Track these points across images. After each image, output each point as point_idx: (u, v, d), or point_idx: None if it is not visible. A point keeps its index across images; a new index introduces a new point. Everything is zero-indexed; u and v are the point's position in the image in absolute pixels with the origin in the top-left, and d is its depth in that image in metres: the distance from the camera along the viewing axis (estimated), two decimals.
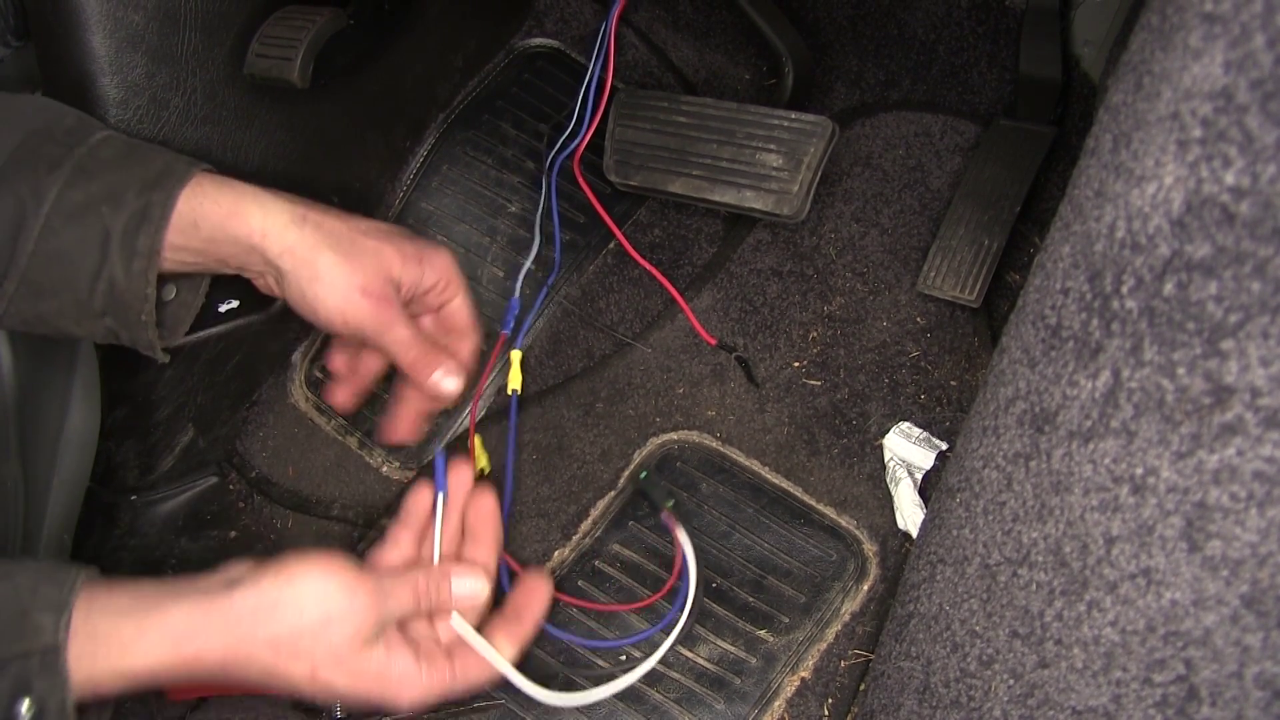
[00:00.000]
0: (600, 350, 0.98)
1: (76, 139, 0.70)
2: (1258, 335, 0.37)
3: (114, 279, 0.68)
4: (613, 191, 1.03)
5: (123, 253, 0.67)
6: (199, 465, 0.95)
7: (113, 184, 0.68)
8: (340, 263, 0.71)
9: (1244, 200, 0.36)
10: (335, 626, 0.63)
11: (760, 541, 0.85)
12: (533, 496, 0.88)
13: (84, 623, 0.59)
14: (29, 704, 0.57)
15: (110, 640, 0.59)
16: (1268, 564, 0.39)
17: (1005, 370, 0.53)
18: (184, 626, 0.61)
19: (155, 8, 0.76)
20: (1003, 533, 0.52)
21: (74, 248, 0.67)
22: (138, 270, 0.68)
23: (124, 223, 0.67)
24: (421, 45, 1.04)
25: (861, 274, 0.98)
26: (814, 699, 0.78)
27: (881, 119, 1.07)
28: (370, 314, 0.71)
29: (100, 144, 0.70)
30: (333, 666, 0.63)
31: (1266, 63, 0.35)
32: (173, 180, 0.69)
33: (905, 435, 0.87)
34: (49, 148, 0.69)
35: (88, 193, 0.68)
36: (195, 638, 0.61)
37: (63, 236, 0.67)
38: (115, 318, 0.69)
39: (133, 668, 0.59)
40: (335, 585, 0.64)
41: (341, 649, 0.63)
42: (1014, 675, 0.53)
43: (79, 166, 0.68)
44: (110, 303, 0.69)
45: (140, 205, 0.68)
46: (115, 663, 0.59)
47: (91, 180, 0.68)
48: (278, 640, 0.62)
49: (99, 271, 0.68)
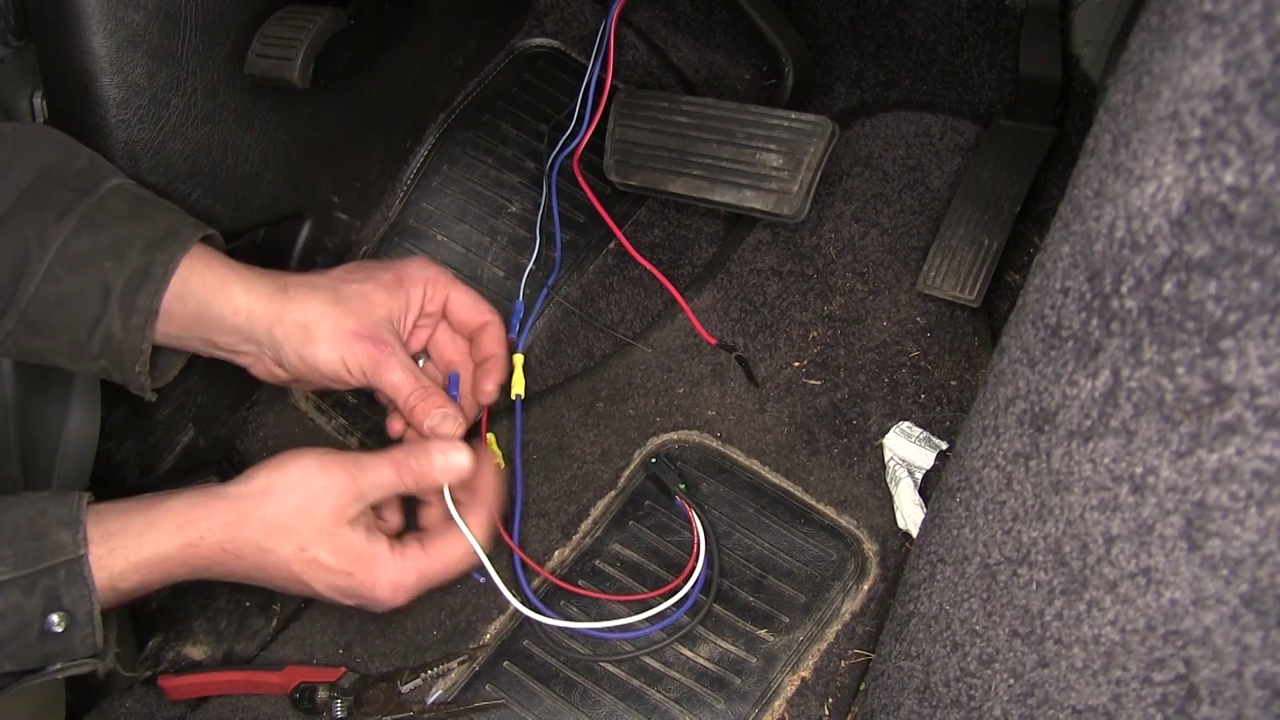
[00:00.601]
0: (600, 350, 0.98)
1: (87, 184, 0.71)
2: (1257, 335, 0.37)
3: (111, 331, 0.69)
4: (613, 191, 1.03)
5: (122, 308, 0.69)
6: (199, 465, 0.95)
7: (118, 238, 0.69)
8: (329, 312, 0.72)
9: (1243, 200, 0.36)
10: (319, 504, 0.68)
11: (760, 541, 0.85)
12: (533, 496, 0.88)
13: (96, 527, 0.64)
14: (60, 616, 0.62)
15: (123, 534, 0.65)
16: (1267, 563, 0.39)
17: (1005, 370, 0.53)
18: (187, 514, 0.66)
19: (156, 8, 0.76)
20: (1003, 532, 0.52)
21: (74, 296, 0.69)
22: (135, 326, 0.69)
23: (125, 279, 0.69)
24: (422, 45, 1.04)
25: (861, 274, 0.98)
26: (814, 698, 0.78)
27: (881, 119, 1.07)
28: (368, 357, 0.72)
29: (109, 194, 0.71)
30: (318, 541, 0.68)
31: (1265, 63, 0.35)
32: (177, 243, 0.70)
33: (905, 435, 0.87)
34: (58, 192, 0.70)
35: (93, 244, 0.69)
36: (198, 523, 0.66)
37: (64, 284, 0.68)
38: (110, 361, 0.71)
39: (146, 557, 0.65)
40: (315, 466, 0.69)
41: (325, 524, 0.68)
42: (1014, 674, 0.53)
43: (87, 216, 0.69)
44: (106, 349, 0.70)
45: (144, 263, 0.69)
46: (130, 554, 0.64)
47: (98, 232, 0.69)
48: (269, 521, 0.67)
49: (98, 320, 0.69)
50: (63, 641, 0.63)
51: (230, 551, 0.67)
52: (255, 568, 0.69)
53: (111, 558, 0.64)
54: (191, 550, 0.67)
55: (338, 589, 0.70)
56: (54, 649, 0.63)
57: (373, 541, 0.70)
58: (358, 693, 0.78)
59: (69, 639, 0.63)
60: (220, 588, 0.84)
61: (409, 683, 0.78)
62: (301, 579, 0.69)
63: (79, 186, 0.70)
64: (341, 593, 0.71)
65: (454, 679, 0.80)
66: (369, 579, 0.70)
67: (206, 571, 0.69)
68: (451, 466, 0.72)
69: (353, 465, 0.70)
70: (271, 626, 0.85)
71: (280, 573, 0.69)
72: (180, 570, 0.67)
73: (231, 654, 0.84)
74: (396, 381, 0.73)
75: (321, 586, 0.70)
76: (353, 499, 0.69)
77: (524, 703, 0.78)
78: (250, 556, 0.68)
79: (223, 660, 0.84)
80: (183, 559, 0.67)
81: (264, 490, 0.69)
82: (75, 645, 0.63)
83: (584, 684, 0.79)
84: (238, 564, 0.68)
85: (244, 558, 0.68)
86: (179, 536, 0.66)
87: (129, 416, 0.89)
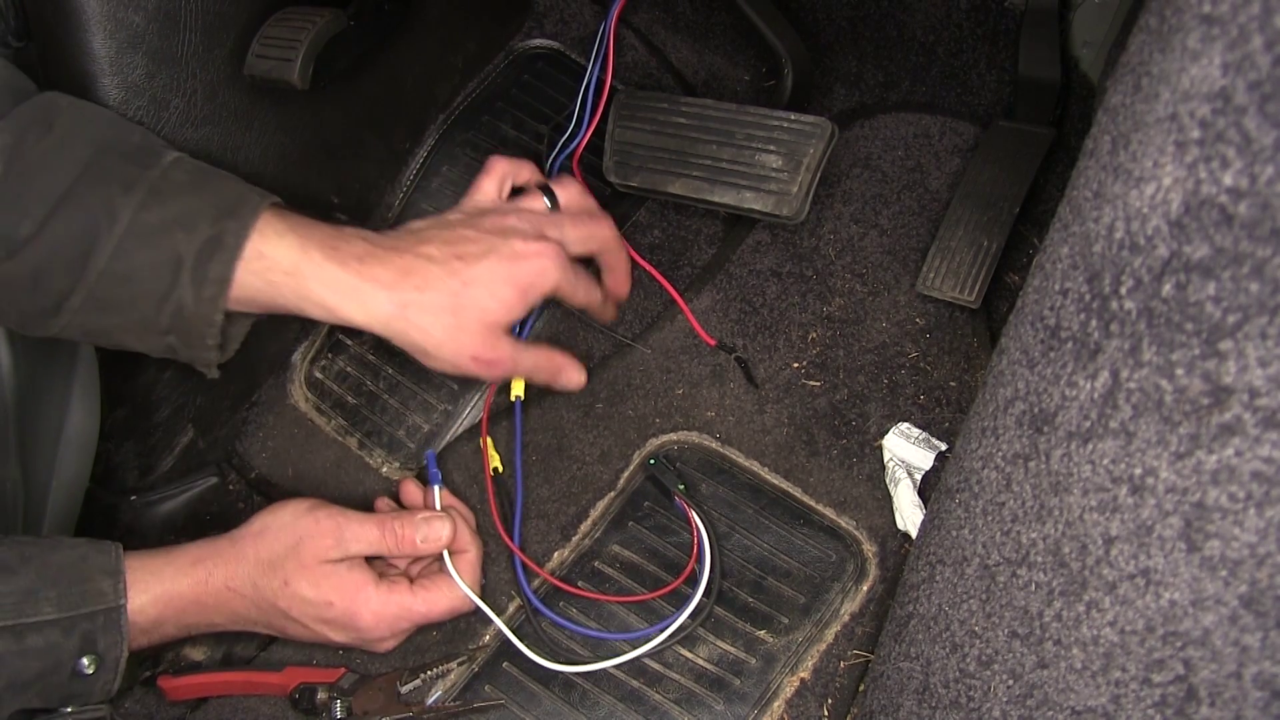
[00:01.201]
0: (600, 351, 0.98)
1: (148, 158, 0.70)
2: (1256, 336, 0.37)
3: (182, 303, 0.68)
4: (612, 192, 1.03)
5: (194, 279, 0.68)
6: (199, 466, 0.95)
7: (187, 209, 0.68)
8: (445, 342, 0.74)
9: (1242, 201, 0.36)
10: (304, 545, 0.74)
11: (760, 542, 0.85)
12: (533, 497, 0.88)
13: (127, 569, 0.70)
14: (90, 660, 0.67)
15: (144, 570, 0.71)
16: (1266, 564, 0.39)
17: (1004, 371, 0.53)
18: (198, 553, 0.74)
19: (156, 9, 0.76)
20: (1002, 533, 0.52)
21: (145, 270, 0.68)
22: (208, 297, 0.68)
23: (197, 249, 0.68)
24: (421, 46, 1.04)
25: (861, 275, 0.98)
26: (813, 699, 0.78)
27: (881, 120, 1.08)
28: (484, 373, 0.77)
29: (172, 166, 0.70)
30: (299, 576, 0.74)
31: (1264, 64, 0.35)
32: (247, 210, 0.69)
33: (904, 436, 0.87)
34: (122, 166, 0.68)
35: (162, 216, 0.68)
36: (206, 561, 0.73)
37: (135, 258, 0.67)
38: (178, 337, 0.70)
39: (163, 592, 0.71)
40: (305, 510, 0.76)
41: (308, 561, 0.74)
42: (1013, 675, 0.53)
43: (153, 188, 0.68)
44: (176, 324, 0.69)
45: (215, 233, 0.68)
46: (150, 588, 0.71)
47: (166, 204, 0.68)
48: (261, 559, 0.74)
49: (168, 294, 0.68)
50: (88, 684, 0.67)
51: (233, 589, 0.74)
52: (254, 606, 0.74)
53: (132, 590, 0.69)
54: (201, 588, 0.73)
55: (323, 620, 0.74)
56: (78, 690, 0.67)
57: (355, 572, 0.75)
58: (356, 693, 0.78)
59: (94, 682, 0.67)
60: None
61: (408, 684, 0.78)
62: (289, 615, 0.74)
63: (140, 160, 0.69)
64: (327, 624, 0.75)
65: (453, 680, 0.80)
66: (351, 607, 0.74)
67: (216, 613, 0.74)
68: (431, 538, 0.78)
69: (339, 515, 0.76)
70: None
71: (272, 610, 0.74)
72: (193, 611, 0.73)
73: (231, 655, 0.84)
74: (524, 368, 0.82)
75: (308, 620, 0.74)
76: (334, 543, 0.75)
77: (523, 703, 0.78)
78: (248, 594, 0.74)
79: (222, 661, 0.84)
80: (194, 596, 0.73)
81: (259, 531, 0.75)
82: (95, 689, 0.68)
83: (583, 685, 0.79)
84: (240, 603, 0.74)
85: (244, 595, 0.74)
86: (190, 574, 0.72)
87: (129, 417, 0.89)
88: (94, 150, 0.68)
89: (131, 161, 0.69)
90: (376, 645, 0.78)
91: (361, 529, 0.76)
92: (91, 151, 0.68)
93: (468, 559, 0.81)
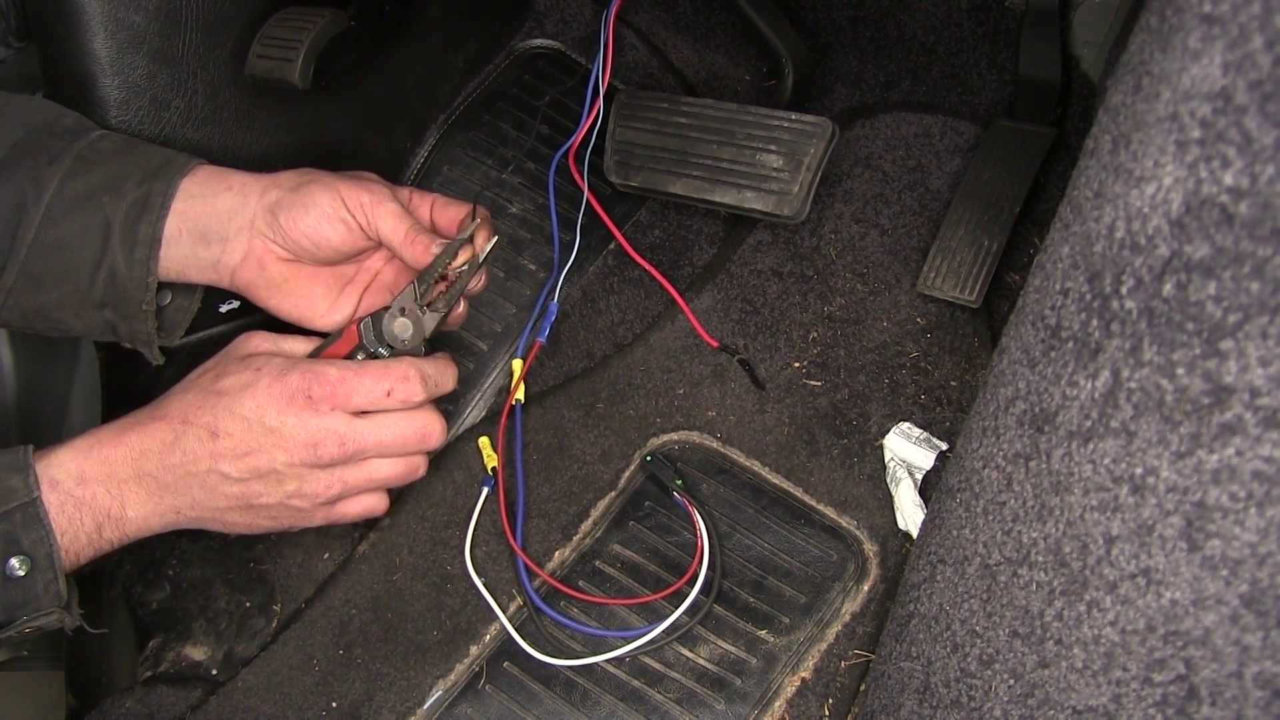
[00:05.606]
0: (600, 351, 0.98)
1: (77, 134, 0.70)
2: (1257, 335, 0.37)
3: (115, 268, 0.68)
4: (613, 192, 1.03)
5: (124, 241, 0.68)
6: None
7: (113, 174, 0.69)
8: (322, 175, 0.75)
9: (1243, 201, 0.36)
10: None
11: (760, 542, 0.85)
12: (533, 497, 0.88)
13: (42, 459, 0.65)
14: (20, 560, 0.62)
15: (65, 448, 0.65)
16: (1267, 564, 0.39)
17: (1005, 370, 0.53)
18: (134, 417, 0.68)
19: (156, 9, 0.77)
20: (1003, 533, 0.52)
21: (74, 237, 0.68)
22: (139, 259, 0.68)
23: (125, 211, 0.68)
24: (422, 46, 1.04)
25: (861, 274, 0.98)
26: (814, 699, 0.78)
27: (881, 120, 1.08)
28: (366, 193, 0.73)
29: (100, 138, 0.71)
30: (227, 375, 0.69)
31: (1265, 64, 0.35)
32: (173, 169, 0.70)
33: (905, 435, 0.87)
34: (50, 141, 0.69)
35: (88, 182, 0.68)
36: (156, 407, 0.68)
37: (63, 226, 0.67)
38: (115, 309, 0.70)
39: (83, 441, 0.65)
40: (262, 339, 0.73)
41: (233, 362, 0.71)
42: (1014, 675, 0.53)
43: (80, 158, 0.69)
44: (111, 293, 0.69)
45: (141, 194, 0.68)
46: (65, 460, 0.65)
47: (92, 171, 0.68)
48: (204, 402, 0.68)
49: (100, 260, 0.68)
50: (26, 588, 0.62)
51: (157, 416, 0.68)
52: (181, 432, 0.68)
53: (49, 468, 0.64)
54: (131, 429, 0.67)
55: (232, 414, 0.68)
56: (18, 596, 0.63)
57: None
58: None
59: (32, 584, 0.63)
60: (220, 588, 0.84)
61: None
62: (215, 430, 0.68)
63: (69, 136, 0.70)
64: (235, 419, 0.68)
65: (454, 679, 0.80)
66: (266, 375, 0.69)
67: (144, 459, 0.67)
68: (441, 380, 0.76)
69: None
70: (271, 627, 0.85)
71: (201, 420, 0.68)
72: (123, 467, 0.66)
73: (232, 654, 0.84)
74: (395, 210, 0.75)
75: (234, 428, 0.68)
76: (272, 346, 0.74)
77: (524, 703, 0.78)
78: (174, 414, 0.68)
79: (223, 661, 0.84)
80: (121, 440, 0.66)
81: (200, 376, 0.72)
82: (39, 593, 0.63)
83: (584, 685, 0.79)
84: (165, 431, 0.67)
85: (170, 418, 0.68)
86: (112, 426, 0.67)
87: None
88: (24, 130, 0.69)
89: (59, 137, 0.70)
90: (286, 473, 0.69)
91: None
92: (22, 132, 0.69)
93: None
